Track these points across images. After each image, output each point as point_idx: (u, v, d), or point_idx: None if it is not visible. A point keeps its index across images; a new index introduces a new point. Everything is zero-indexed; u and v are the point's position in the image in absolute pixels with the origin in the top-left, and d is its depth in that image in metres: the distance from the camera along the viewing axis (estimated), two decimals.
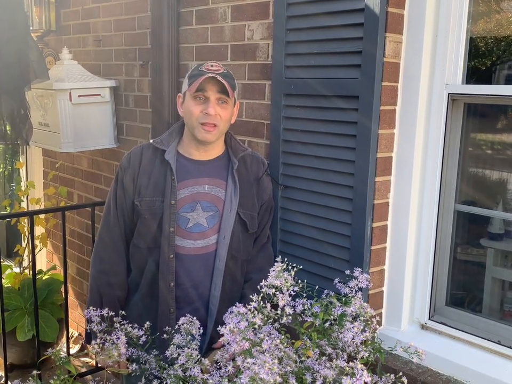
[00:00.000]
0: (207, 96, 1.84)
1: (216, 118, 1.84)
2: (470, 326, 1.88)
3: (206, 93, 1.83)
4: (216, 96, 1.84)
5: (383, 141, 1.88)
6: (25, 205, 4.03)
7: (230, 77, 1.88)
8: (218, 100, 1.85)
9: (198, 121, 1.85)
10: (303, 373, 1.39)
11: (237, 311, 1.36)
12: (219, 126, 1.87)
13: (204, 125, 1.85)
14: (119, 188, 1.97)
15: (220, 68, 1.85)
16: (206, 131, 1.86)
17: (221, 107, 1.85)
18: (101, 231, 2.01)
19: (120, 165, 1.99)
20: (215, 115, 1.84)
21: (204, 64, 1.87)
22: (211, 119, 1.84)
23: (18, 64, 2.62)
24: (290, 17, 2.05)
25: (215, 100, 1.84)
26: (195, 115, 1.85)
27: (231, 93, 1.83)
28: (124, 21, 3.06)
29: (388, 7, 1.79)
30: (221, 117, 1.85)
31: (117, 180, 1.98)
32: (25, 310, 3.37)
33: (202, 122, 1.85)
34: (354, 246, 1.92)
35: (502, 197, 2.00)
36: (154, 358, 1.59)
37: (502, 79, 2.03)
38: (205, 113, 1.83)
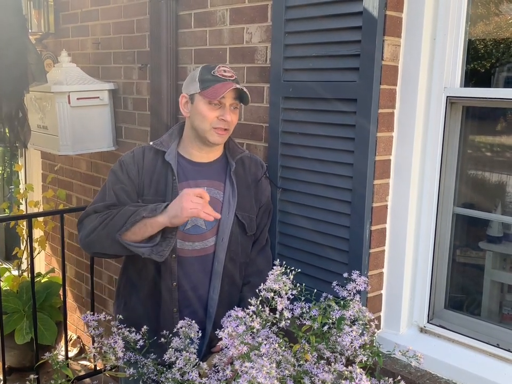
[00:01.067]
0: (223, 102, 1.86)
1: (229, 123, 1.88)
2: (469, 329, 1.88)
3: (223, 99, 1.85)
4: (231, 102, 1.87)
5: (381, 144, 1.88)
6: (23, 208, 4.03)
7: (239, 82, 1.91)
8: (231, 106, 1.88)
9: (212, 125, 1.87)
10: (301, 376, 1.39)
11: (235, 315, 1.35)
12: (230, 130, 1.91)
13: (217, 129, 1.87)
14: (123, 175, 1.92)
15: (232, 74, 1.88)
16: (219, 135, 1.89)
17: (233, 112, 1.89)
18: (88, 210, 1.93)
19: (121, 161, 1.95)
20: (231, 120, 1.88)
21: (215, 67, 1.86)
22: (225, 124, 1.87)
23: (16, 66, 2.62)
24: (288, 20, 2.05)
25: (229, 106, 1.87)
26: (209, 120, 1.87)
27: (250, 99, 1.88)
28: (123, 24, 3.06)
29: (386, 10, 1.79)
30: (232, 122, 1.90)
31: (118, 171, 1.93)
32: (23, 313, 3.37)
33: (216, 127, 1.87)
34: (353, 249, 1.92)
35: (501, 200, 2.00)
36: (152, 362, 1.59)
37: (501, 82, 2.03)
38: (221, 119, 1.86)
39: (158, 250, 1.80)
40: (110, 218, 1.83)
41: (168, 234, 1.82)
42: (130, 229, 1.78)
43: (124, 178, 1.91)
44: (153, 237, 1.82)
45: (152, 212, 1.77)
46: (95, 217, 1.87)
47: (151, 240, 1.82)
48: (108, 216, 1.84)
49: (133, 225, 1.78)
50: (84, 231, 1.89)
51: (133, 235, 1.80)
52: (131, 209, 1.82)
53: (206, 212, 1.75)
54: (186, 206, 1.73)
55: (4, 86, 2.60)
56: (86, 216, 1.91)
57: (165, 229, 1.81)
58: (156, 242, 1.80)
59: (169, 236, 1.82)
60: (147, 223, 1.78)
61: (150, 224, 1.78)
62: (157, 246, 1.80)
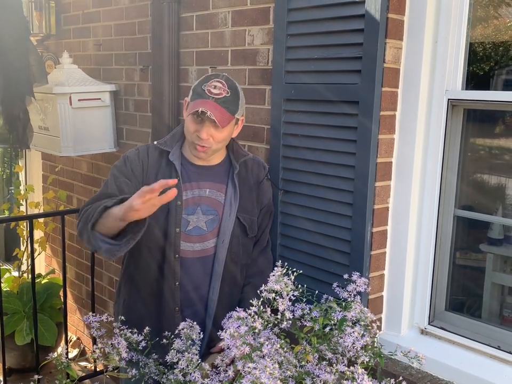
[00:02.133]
0: (203, 118, 1.81)
1: (209, 141, 1.83)
2: (470, 331, 1.88)
3: (203, 116, 1.80)
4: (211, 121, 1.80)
5: (383, 146, 1.89)
6: (24, 209, 4.03)
7: (232, 101, 1.82)
8: (213, 123, 1.80)
9: (192, 140, 1.86)
10: (302, 377, 1.39)
11: (237, 315, 1.36)
12: (211, 147, 1.85)
13: (197, 145, 1.85)
14: (126, 170, 1.89)
15: (222, 92, 1.80)
16: (199, 151, 1.86)
17: (216, 129, 1.82)
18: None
19: (125, 157, 1.93)
20: (207, 139, 1.82)
21: (209, 81, 1.82)
22: (202, 142, 1.83)
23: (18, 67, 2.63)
24: (290, 22, 2.05)
25: (210, 124, 1.81)
26: (190, 132, 1.85)
27: (221, 122, 1.78)
28: (124, 26, 3.07)
29: (388, 13, 1.80)
30: (213, 139, 1.83)
31: (122, 166, 1.91)
32: (24, 314, 3.37)
33: (195, 142, 1.85)
34: (354, 251, 1.92)
35: (502, 202, 2.01)
36: (153, 363, 1.60)
37: (502, 84, 2.04)
38: (197, 136, 1.83)
39: (113, 250, 1.70)
40: (89, 211, 1.77)
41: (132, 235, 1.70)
42: (99, 220, 1.71)
43: (128, 173, 1.90)
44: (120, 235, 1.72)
45: (114, 202, 1.70)
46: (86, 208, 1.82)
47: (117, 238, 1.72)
48: (88, 209, 1.79)
49: (100, 215, 1.70)
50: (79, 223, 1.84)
51: (103, 228, 1.73)
52: (102, 202, 1.76)
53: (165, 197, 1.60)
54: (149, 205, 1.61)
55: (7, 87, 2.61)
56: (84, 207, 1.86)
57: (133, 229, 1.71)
58: (120, 242, 1.71)
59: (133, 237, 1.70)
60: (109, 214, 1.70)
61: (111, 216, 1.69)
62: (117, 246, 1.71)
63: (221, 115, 1.78)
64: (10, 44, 2.64)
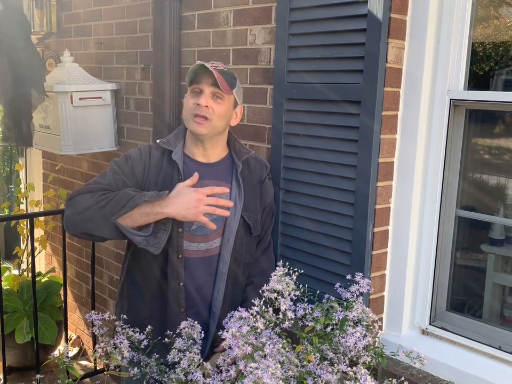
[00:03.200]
0: (201, 88, 1.82)
1: (208, 110, 1.82)
2: (471, 331, 1.88)
3: (200, 85, 1.82)
4: (211, 90, 1.82)
5: (385, 146, 1.88)
6: (24, 207, 4.03)
7: (229, 74, 1.86)
8: (213, 95, 1.83)
9: (190, 112, 1.84)
10: (304, 377, 1.39)
11: (239, 315, 1.36)
12: (211, 120, 1.84)
13: (196, 117, 1.83)
14: (127, 168, 1.88)
15: (219, 65, 1.84)
16: (197, 123, 1.84)
17: (215, 101, 1.83)
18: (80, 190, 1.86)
19: (127, 155, 1.92)
20: (206, 107, 1.81)
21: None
22: (202, 110, 1.81)
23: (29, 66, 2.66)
24: (293, 22, 2.05)
25: (209, 93, 1.82)
26: (189, 107, 1.85)
27: (224, 87, 1.80)
28: (126, 24, 3.06)
29: (390, 13, 1.80)
30: (213, 110, 1.83)
31: (123, 164, 1.90)
32: (24, 312, 3.37)
33: (194, 114, 1.83)
34: (355, 251, 1.92)
35: (503, 202, 2.01)
36: (155, 362, 1.59)
37: (504, 85, 2.04)
38: (197, 104, 1.82)
39: (154, 242, 1.76)
40: (108, 200, 1.76)
41: (161, 226, 1.79)
42: (129, 212, 1.73)
43: (127, 171, 1.89)
44: (144, 227, 1.77)
45: (153, 197, 1.75)
46: (90, 196, 1.80)
47: (143, 229, 1.77)
48: (106, 198, 1.78)
49: (132, 209, 1.73)
50: (73, 208, 1.80)
51: (129, 220, 1.75)
52: (130, 193, 1.78)
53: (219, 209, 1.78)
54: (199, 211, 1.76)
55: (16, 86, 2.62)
56: (79, 194, 1.84)
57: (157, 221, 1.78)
58: (149, 233, 1.76)
59: (162, 227, 1.79)
60: (150, 211, 1.74)
61: (153, 213, 1.74)
62: (150, 236, 1.76)
63: (220, 79, 1.80)
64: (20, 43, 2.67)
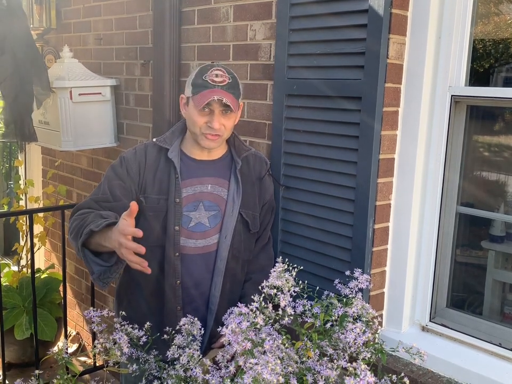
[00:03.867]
0: (211, 109, 1.81)
1: (220, 129, 1.83)
2: (471, 328, 1.88)
3: (211, 106, 1.80)
4: (221, 109, 1.81)
5: (385, 142, 1.88)
6: (24, 203, 4.02)
7: (234, 85, 1.83)
8: (222, 111, 1.82)
9: (202, 131, 1.84)
10: (303, 373, 1.39)
11: (239, 311, 1.35)
12: (223, 135, 1.86)
13: (207, 135, 1.84)
14: (122, 172, 1.88)
15: (224, 79, 1.80)
16: (210, 140, 1.85)
17: (225, 117, 1.83)
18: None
19: (121, 157, 1.93)
20: (219, 128, 1.82)
21: (208, 71, 1.81)
22: (215, 131, 1.83)
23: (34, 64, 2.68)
24: (293, 17, 2.04)
25: (219, 112, 1.81)
26: (199, 125, 1.84)
27: (234, 107, 1.81)
28: (125, 20, 3.05)
29: (391, 8, 1.79)
30: (225, 127, 1.84)
31: (117, 167, 1.90)
32: (23, 308, 3.36)
33: (205, 133, 1.83)
34: (355, 247, 1.91)
35: (504, 199, 2.00)
36: (154, 359, 1.59)
37: (506, 81, 2.03)
38: (209, 126, 1.82)
39: (105, 276, 1.71)
40: (76, 224, 1.76)
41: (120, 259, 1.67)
42: (87, 239, 1.70)
43: (123, 174, 1.89)
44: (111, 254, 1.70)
45: (99, 226, 1.66)
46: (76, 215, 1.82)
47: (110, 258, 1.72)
48: (75, 220, 1.78)
49: (87, 237, 1.68)
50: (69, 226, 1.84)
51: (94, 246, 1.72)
52: (89, 219, 1.73)
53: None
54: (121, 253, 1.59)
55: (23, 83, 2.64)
56: (75, 211, 1.86)
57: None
58: (111, 263, 1.71)
59: (121, 260, 1.67)
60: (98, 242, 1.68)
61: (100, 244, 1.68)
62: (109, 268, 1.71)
63: (232, 101, 1.79)
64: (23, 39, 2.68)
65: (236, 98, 1.82)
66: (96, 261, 1.72)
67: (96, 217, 1.75)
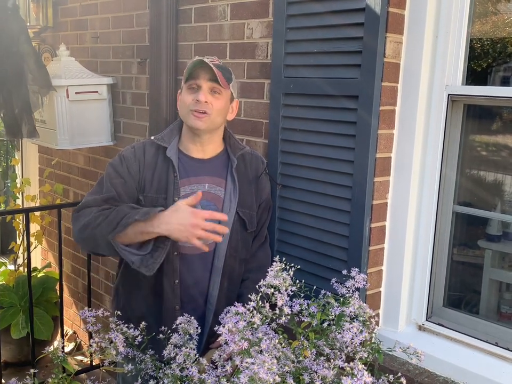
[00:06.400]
0: (199, 84, 1.83)
1: (207, 106, 1.83)
2: (468, 327, 1.88)
3: (198, 81, 1.82)
4: (208, 85, 1.82)
5: (382, 141, 1.88)
6: (20, 202, 4.01)
7: (225, 69, 1.87)
8: (211, 90, 1.83)
9: (189, 108, 1.84)
10: (300, 373, 1.38)
11: (235, 310, 1.35)
12: (210, 115, 1.84)
13: (194, 112, 1.84)
14: (122, 170, 1.88)
15: (215, 60, 1.85)
16: (197, 117, 1.84)
17: (214, 96, 1.84)
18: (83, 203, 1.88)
19: (121, 155, 1.92)
20: (205, 102, 1.82)
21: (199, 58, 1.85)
22: (201, 106, 1.82)
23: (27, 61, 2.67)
24: (290, 16, 2.04)
25: (207, 88, 1.83)
26: (187, 103, 1.85)
27: (222, 82, 1.81)
28: (122, 18, 3.04)
29: (388, 7, 1.79)
30: (212, 105, 1.84)
31: (118, 165, 1.89)
32: (19, 307, 3.35)
33: (193, 109, 1.84)
34: (352, 246, 1.91)
35: (501, 198, 2.00)
36: (150, 358, 1.58)
37: (502, 80, 2.03)
38: (196, 101, 1.82)
39: (148, 263, 1.74)
40: (104, 217, 1.77)
41: (160, 243, 1.76)
42: (123, 231, 1.73)
43: (124, 173, 1.88)
44: (145, 244, 1.77)
45: (145, 215, 1.72)
46: (89, 212, 1.82)
47: (142, 247, 1.77)
48: (102, 215, 1.79)
49: (125, 228, 1.73)
50: (77, 225, 1.84)
51: (125, 238, 1.76)
52: (124, 210, 1.77)
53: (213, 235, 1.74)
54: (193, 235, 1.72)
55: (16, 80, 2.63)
56: (82, 208, 1.86)
57: (157, 237, 1.76)
58: (147, 251, 1.75)
59: (161, 245, 1.76)
60: (143, 230, 1.74)
61: (145, 232, 1.74)
62: (147, 255, 1.75)
63: (219, 74, 1.80)
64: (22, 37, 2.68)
65: (225, 78, 1.83)
66: (130, 250, 1.76)
67: (129, 208, 1.79)
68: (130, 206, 1.82)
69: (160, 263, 1.76)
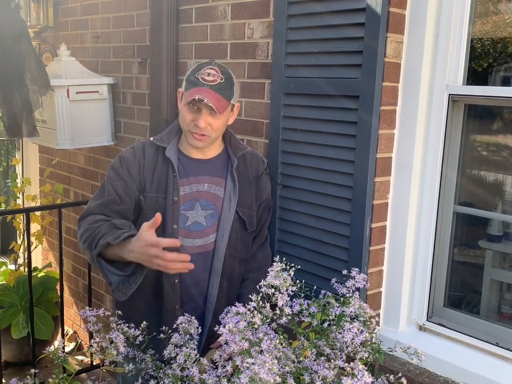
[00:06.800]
0: (199, 107, 1.80)
1: (207, 129, 1.82)
2: (468, 327, 1.88)
3: (198, 104, 1.80)
4: (208, 108, 1.79)
5: (383, 141, 1.87)
6: (21, 202, 4.01)
7: (226, 86, 1.82)
8: (211, 111, 1.80)
9: (189, 129, 1.84)
10: (301, 373, 1.38)
11: (236, 310, 1.35)
12: (210, 136, 1.85)
13: (194, 134, 1.84)
14: (123, 171, 1.88)
15: (216, 78, 1.80)
16: (196, 139, 1.85)
17: (213, 117, 1.81)
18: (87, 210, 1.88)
19: (121, 157, 1.92)
20: (205, 127, 1.82)
21: (202, 69, 1.81)
22: (201, 130, 1.82)
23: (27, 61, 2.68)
24: (291, 15, 2.04)
25: (207, 111, 1.80)
26: (186, 122, 1.84)
27: (218, 109, 1.78)
28: (123, 18, 3.04)
29: (389, 7, 1.79)
30: (212, 127, 1.83)
31: (118, 167, 1.89)
32: (20, 307, 3.35)
33: (192, 131, 1.84)
34: (353, 246, 1.91)
35: (501, 198, 2.00)
36: (150, 358, 1.58)
37: (503, 80, 2.03)
38: (195, 125, 1.82)
39: (124, 287, 1.72)
40: (90, 233, 1.76)
41: (139, 268, 1.72)
42: (101, 250, 1.71)
43: (124, 174, 1.89)
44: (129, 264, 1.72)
45: (116, 239, 1.67)
46: (89, 220, 1.82)
47: (126, 267, 1.74)
48: (89, 230, 1.77)
49: (101, 249, 1.70)
50: (79, 234, 1.84)
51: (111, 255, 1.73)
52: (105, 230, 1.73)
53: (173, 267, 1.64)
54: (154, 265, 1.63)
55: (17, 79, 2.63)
56: (85, 216, 1.87)
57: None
58: (128, 273, 1.73)
59: (139, 270, 1.73)
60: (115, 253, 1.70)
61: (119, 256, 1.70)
62: (127, 277, 1.73)
63: (217, 101, 1.78)
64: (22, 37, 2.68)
65: (225, 99, 1.80)
66: (112, 270, 1.74)
67: (111, 227, 1.75)
68: (113, 224, 1.77)
69: (134, 289, 1.74)
